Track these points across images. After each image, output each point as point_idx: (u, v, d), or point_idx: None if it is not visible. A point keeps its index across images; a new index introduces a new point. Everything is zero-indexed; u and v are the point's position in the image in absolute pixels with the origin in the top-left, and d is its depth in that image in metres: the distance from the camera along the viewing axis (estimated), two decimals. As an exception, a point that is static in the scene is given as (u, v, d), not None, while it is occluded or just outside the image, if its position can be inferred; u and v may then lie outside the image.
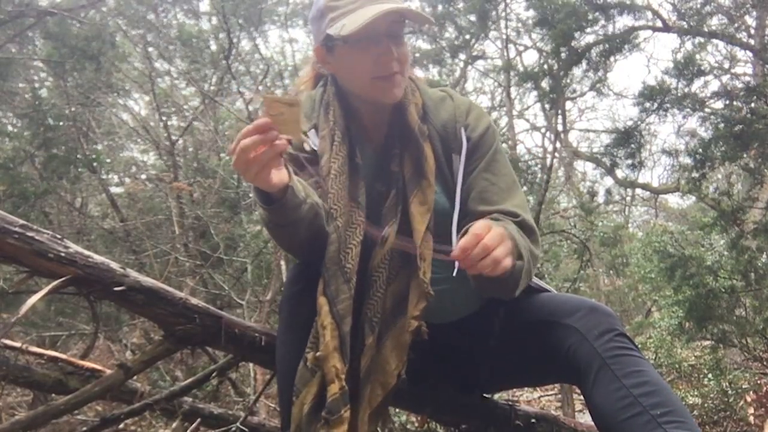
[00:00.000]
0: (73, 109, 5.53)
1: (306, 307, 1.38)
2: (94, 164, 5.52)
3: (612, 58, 5.10)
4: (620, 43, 4.93)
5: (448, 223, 1.41)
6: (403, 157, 1.44)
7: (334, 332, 1.32)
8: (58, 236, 1.66)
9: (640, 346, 1.41)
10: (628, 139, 4.95)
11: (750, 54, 5.78)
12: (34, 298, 1.63)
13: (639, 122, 4.96)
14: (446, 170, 1.48)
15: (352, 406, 1.32)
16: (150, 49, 6.82)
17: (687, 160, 4.84)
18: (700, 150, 4.56)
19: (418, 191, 1.42)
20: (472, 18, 5.48)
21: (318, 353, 1.31)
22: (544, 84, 5.27)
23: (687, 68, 4.63)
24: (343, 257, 1.36)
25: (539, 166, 6.85)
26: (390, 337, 1.39)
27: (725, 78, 5.46)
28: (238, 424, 2.11)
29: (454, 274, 1.23)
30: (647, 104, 4.79)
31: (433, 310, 1.47)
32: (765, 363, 5.10)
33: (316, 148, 1.45)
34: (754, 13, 5.98)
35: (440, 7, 6.04)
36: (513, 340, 1.49)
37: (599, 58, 4.93)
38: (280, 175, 1.21)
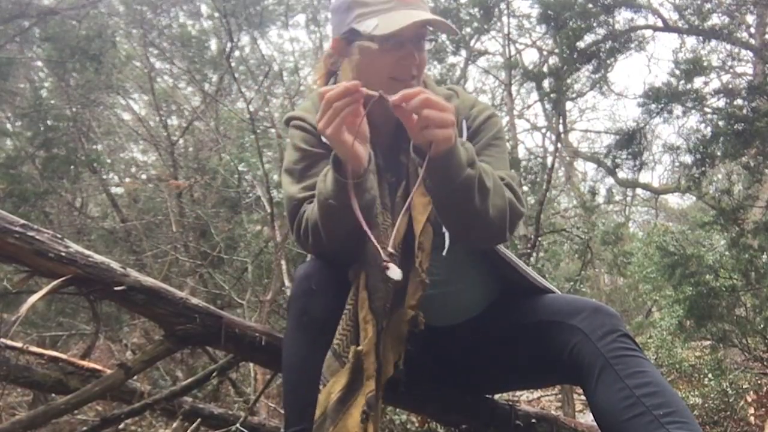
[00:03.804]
0: (73, 109, 5.53)
1: (317, 303, 1.38)
2: (95, 164, 5.52)
3: (614, 58, 5.09)
4: (624, 42, 4.93)
5: None
6: (409, 151, 1.46)
7: (374, 328, 1.33)
8: (59, 236, 1.66)
9: (640, 346, 1.41)
10: (630, 141, 4.95)
11: (750, 53, 5.78)
12: (34, 298, 1.63)
13: (642, 124, 4.96)
14: None
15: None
16: (150, 48, 6.81)
17: (687, 159, 4.85)
18: (701, 147, 4.56)
19: (422, 183, 1.43)
20: (474, 11, 5.48)
21: (360, 347, 1.31)
22: (546, 84, 5.27)
23: (690, 67, 4.62)
24: (378, 256, 1.37)
25: (540, 165, 6.85)
26: (390, 328, 1.40)
27: (726, 77, 5.46)
28: (238, 424, 2.11)
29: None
30: (652, 106, 4.79)
31: (438, 312, 1.46)
32: (765, 363, 5.10)
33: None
34: (755, 12, 5.97)
35: (442, 1, 6.04)
36: (516, 341, 1.49)
37: (605, 58, 4.92)
38: (363, 149, 1.26)
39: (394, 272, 1.26)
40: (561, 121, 8.15)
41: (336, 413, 1.29)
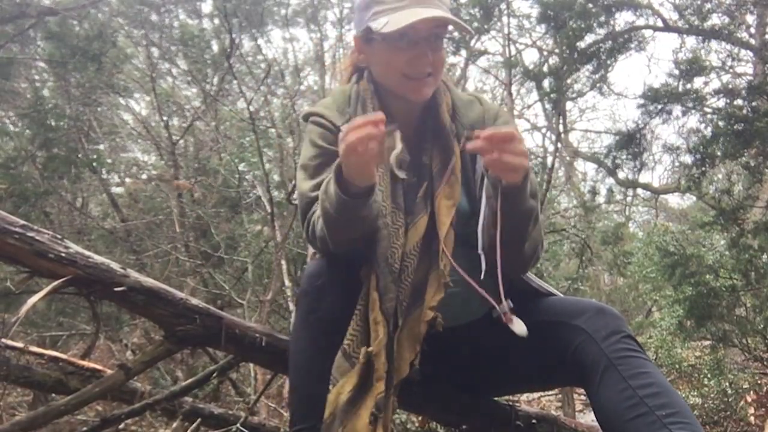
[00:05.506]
0: (74, 109, 5.53)
1: (325, 302, 1.38)
2: (95, 164, 5.52)
3: (614, 58, 5.09)
4: (624, 41, 4.93)
5: (468, 225, 1.43)
6: (432, 152, 1.46)
7: (385, 330, 1.33)
8: (59, 236, 1.66)
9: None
10: (630, 142, 4.95)
11: (750, 53, 5.78)
12: (34, 298, 1.63)
13: (642, 125, 4.96)
14: (470, 171, 1.49)
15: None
16: (152, 49, 6.81)
17: (687, 159, 4.85)
18: (701, 147, 4.56)
19: (446, 185, 1.43)
20: (474, 11, 5.48)
21: (371, 348, 1.31)
22: (546, 84, 5.27)
23: (690, 67, 4.63)
24: (389, 256, 1.37)
25: (540, 165, 6.85)
26: (406, 327, 1.39)
27: (726, 77, 5.46)
28: (238, 424, 2.11)
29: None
30: (651, 107, 4.79)
31: (442, 313, 1.46)
32: (765, 363, 5.10)
33: None
34: (755, 12, 5.97)
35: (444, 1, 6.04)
36: (519, 341, 1.49)
37: (605, 58, 4.93)
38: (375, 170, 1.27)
39: (520, 328, 1.29)
40: (561, 121, 8.15)
41: (345, 414, 1.29)
